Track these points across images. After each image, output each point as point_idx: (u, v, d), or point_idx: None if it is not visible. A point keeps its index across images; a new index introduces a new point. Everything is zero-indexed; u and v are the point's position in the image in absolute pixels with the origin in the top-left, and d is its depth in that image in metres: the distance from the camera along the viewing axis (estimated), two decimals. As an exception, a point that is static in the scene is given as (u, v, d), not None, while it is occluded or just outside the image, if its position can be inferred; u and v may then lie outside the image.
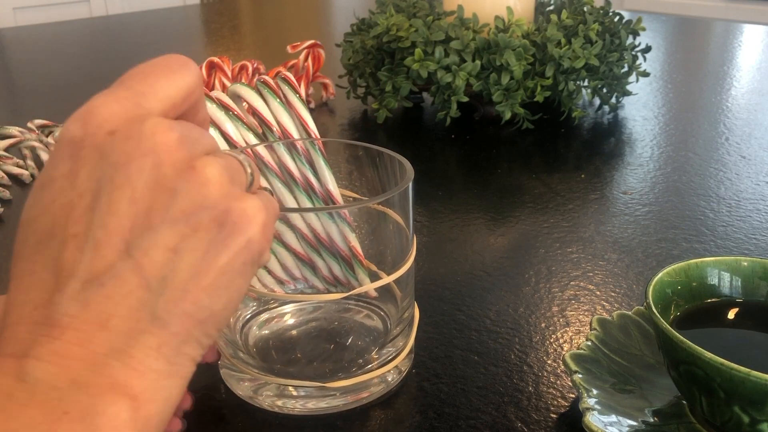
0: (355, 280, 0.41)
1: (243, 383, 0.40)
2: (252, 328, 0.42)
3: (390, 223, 0.39)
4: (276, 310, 0.44)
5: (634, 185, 0.67)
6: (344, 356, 0.41)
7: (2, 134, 0.78)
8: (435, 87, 0.78)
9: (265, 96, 0.42)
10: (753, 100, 0.93)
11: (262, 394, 0.39)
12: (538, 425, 0.38)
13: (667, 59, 1.17)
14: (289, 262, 0.42)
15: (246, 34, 1.46)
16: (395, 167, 0.40)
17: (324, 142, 0.41)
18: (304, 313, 0.44)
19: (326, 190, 0.41)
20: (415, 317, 0.43)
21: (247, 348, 0.41)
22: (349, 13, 1.12)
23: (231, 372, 0.40)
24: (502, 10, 0.80)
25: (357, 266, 0.40)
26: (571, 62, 0.77)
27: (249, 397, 0.40)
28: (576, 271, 0.52)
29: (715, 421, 0.34)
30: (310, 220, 0.40)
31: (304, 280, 0.42)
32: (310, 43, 0.92)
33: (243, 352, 0.40)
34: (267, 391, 0.39)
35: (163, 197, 0.23)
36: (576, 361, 0.38)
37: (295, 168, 0.41)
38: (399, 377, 0.41)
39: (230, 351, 0.40)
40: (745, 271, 0.39)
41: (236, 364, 0.39)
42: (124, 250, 0.22)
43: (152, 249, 0.22)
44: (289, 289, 0.42)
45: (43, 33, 1.43)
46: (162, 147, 0.23)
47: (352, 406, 0.39)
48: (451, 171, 0.74)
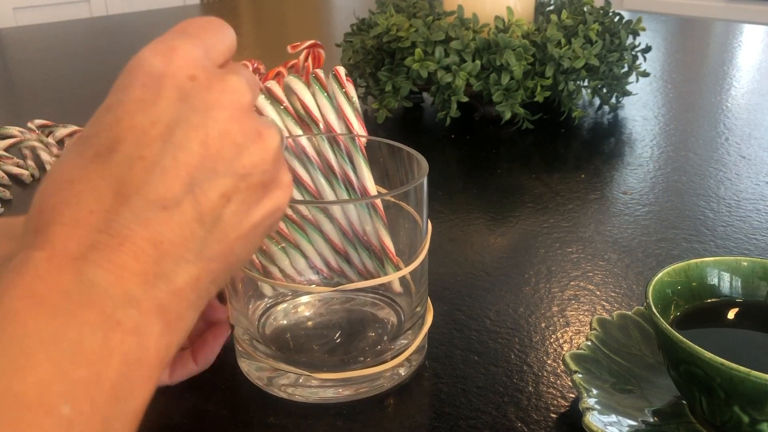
0: (384, 275, 0.42)
1: (259, 372, 0.41)
2: (269, 318, 0.43)
3: (406, 217, 0.41)
4: (292, 301, 0.45)
5: (634, 185, 0.67)
6: (357, 347, 0.42)
7: (2, 134, 0.78)
8: (435, 87, 0.78)
9: (315, 91, 0.42)
10: (753, 100, 0.93)
11: (275, 383, 0.40)
12: (538, 425, 0.38)
13: (667, 59, 1.17)
14: (326, 251, 0.42)
15: (246, 34, 1.46)
16: (412, 162, 0.42)
17: (362, 139, 0.42)
18: (321, 304, 0.45)
19: (362, 186, 0.42)
20: (429, 310, 0.43)
21: (264, 338, 0.42)
22: (349, 13, 1.12)
23: (247, 360, 0.41)
24: (502, 10, 0.80)
25: (387, 262, 0.41)
26: (571, 62, 0.77)
27: (264, 385, 0.41)
28: (576, 271, 0.52)
29: (715, 421, 0.34)
30: (349, 213, 0.41)
31: (340, 271, 0.43)
32: (310, 43, 0.92)
33: (260, 342, 0.41)
34: (282, 380, 0.40)
35: (230, 149, 0.25)
36: (576, 361, 0.38)
37: (335, 162, 0.42)
38: (410, 370, 0.42)
39: (247, 340, 0.41)
40: (745, 271, 0.39)
41: (252, 353, 0.40)
42: (188, 183, 0.24)
43: (211, 191, 0.24)
44: (323, 279, 0.43)
45: (43, 33, 1.43)
46: (238, 106, 0.26)
47: (364, 395, 0.40)
48: (451, 171, 0.74)
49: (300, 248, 0.42)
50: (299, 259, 0.42)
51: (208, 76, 0.25)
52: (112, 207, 0.23)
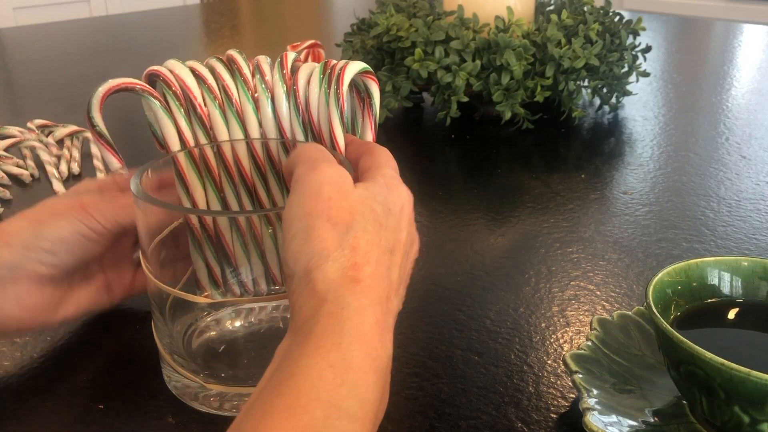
0: None
1: (185, 389, 0.39)
2: (194, 333, 0.42)
3: None
4: (213, 315, 0.43)
5: (634, 185, 0.67)
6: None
7: (2, 134, 0.78)
8: (435, 87, 0.78)
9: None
10: (753, 100, 0.93)
11: (202, 399, 0.39)
12: (538, 425, 0.38)
13: (667, 59, 1.17)
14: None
15: (246, 34, 1.46)
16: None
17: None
18: (247, 316, 0.44)
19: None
20: None
21: (190, 354, 0.40)
22: (349, 13, 1.12)
23: (173, 375, 0.40)
24: (502, 10, 0.80)
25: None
26: (571, 62, 0.77)
27: (192, 401, 0.39)
28: (576, 271, 0.52)
29: (715, 421, 0.34)
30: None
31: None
32: (310, 43, 0.92)
33: (185, 359, 0.39)
34: (207, 397, 0.39)
35: (407, 247, 0.37)
36: (576, 361, 0.38)
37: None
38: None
39: (172, 356, 0.39)
40: (745, 271, 0.39)
41: (178, 369, 0.39)
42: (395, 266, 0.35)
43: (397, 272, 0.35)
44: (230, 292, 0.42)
45: (43, 33, 1.43)
46: (412, 229, 0.38)
47: None
48: (451, 171, 0.74)
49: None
50: (204, 273, 0.41)
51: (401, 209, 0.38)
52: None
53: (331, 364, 0.28)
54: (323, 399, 0.27)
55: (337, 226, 0.32)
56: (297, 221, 0.32)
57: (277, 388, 0.27)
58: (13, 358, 0.44)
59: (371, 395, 0.29)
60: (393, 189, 0.36)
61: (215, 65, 0.42)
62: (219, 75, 0.41)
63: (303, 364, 0.28)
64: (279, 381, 0.28)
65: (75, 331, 0.46)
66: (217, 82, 0.41)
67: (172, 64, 0.41)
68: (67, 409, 0.39)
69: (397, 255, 0.35)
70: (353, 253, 0.31)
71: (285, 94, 0.41)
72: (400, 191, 0.37)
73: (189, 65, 0.42)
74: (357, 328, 0.29)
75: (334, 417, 0.27)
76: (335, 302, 0.30)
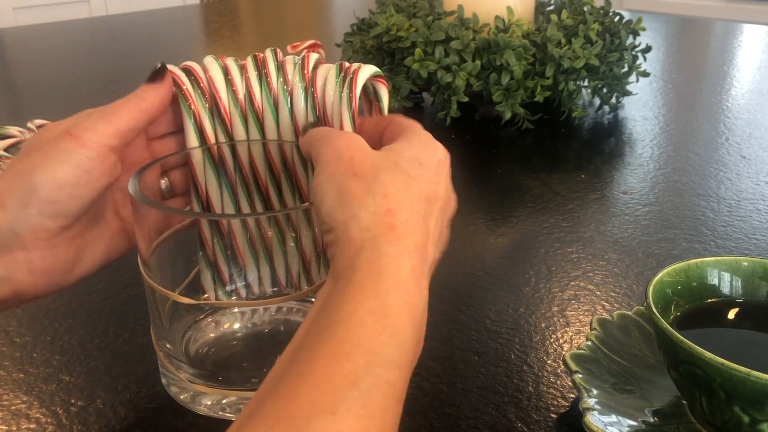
0: (307, 282, 0.41)
1: (184, 393, 0.39)
2: (192, 337, 0.42)
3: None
4: (213, 318, 0.43)
5: (634, 185, 0.67)
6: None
7: (2, 134, 0.78)
8: (435, 87, 0.78)
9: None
10: (753, 100, 0.93)
11: (201, 403, 0.39)
12: (538, 425, 0.38)
13: (667, 59, 1.17)
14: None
15: (246, 34, 1.46)
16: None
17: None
18: (246, 319, 0.43)
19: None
20: None
21: (188, 358, 0.40)
22: (349, 13, 1.12)
23: (172, 379, 0.40)
24: (502, 10, 0.80)
25: (324, 266, 0.40)
26: (571, 62, 0.77)
27: (188, 404, 0.39)
28: (576, 271, 0.52)
29: (715, 421, 0.34)
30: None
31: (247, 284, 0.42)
32: (310, 43, 0.92)
33: (184, 363, 0.39)
34: (206, 400, 0.39)
35: (445, 200, 0.37)
36: (576, 361, 0.38)
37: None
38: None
39: (169, 361, 0.39)
40: (745, 271, 0.39)
41: (176, 373, 0.39)
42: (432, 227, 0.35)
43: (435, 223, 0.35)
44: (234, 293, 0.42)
45: (43, 33, 1.43)
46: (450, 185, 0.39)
47: None
48: (451, 171, 0.74)
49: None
50: (208, 277, 0.41)
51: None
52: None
53: (371, 311, 0.28)
54: (364, 346, 0.27)
55: (364, 177, 0.32)
56: (323, 185, 0.33)
57: (320, 334, 0.28)
58: (13, 358, 0.44)
59: (409, 342, 0.29)
60: (426, 145, 0.37)
61: (248, 66, 0.42)
62: (248, 79, 0.42)
63: (344, 311, 0.28)
64: (322, 327, 0.28)
65: (74, 332, 0.46)
66: (246, 87, 0.41)
67: (209, 62, 0.42)
68: (66, 410, 0.39)
69: (435, 206, 0.35)
70: (385, 200, 0.32)
71: (304, 94, 0.41)
72: (437, 147, 0.38)
73: (224, 63, 0.42)
74: (395, 275, 0.30)
75: (375, 364, 0.27)
76: (373, 250, 0.30)
